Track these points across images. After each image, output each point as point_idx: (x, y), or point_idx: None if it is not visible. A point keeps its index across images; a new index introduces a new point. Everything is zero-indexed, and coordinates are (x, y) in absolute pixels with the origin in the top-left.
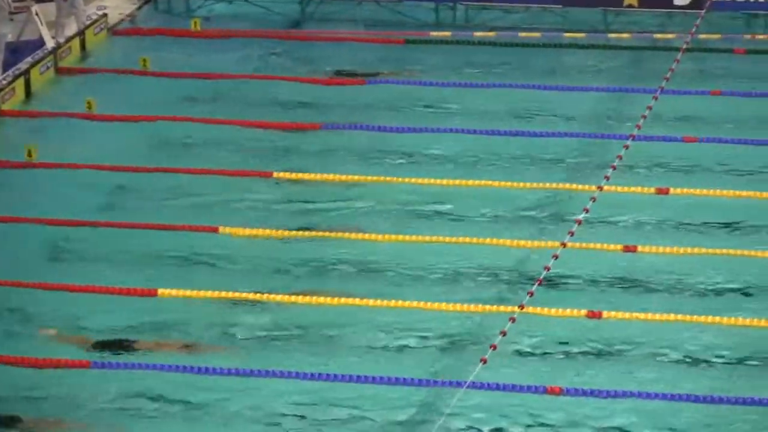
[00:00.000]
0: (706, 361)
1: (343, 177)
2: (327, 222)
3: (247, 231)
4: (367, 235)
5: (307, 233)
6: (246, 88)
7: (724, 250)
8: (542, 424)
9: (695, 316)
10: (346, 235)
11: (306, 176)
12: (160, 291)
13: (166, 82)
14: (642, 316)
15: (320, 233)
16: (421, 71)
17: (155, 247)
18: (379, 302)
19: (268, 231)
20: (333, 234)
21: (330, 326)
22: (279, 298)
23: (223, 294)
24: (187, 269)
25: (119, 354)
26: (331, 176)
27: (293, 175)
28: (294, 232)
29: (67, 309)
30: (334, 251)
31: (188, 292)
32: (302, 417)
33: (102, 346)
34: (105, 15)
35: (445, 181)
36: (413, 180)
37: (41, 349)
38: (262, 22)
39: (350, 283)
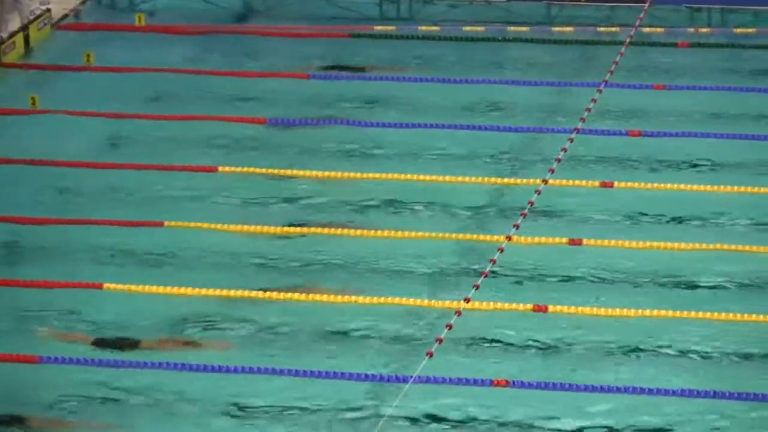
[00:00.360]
0: (653, 353)
1: (289, 171)
2: (273, 216)
3: (192, 225)
4: (312, 230)
5: (253, 228)
6: (190, 82)
7: (668, 244)
8: (488, 417)
9: (639, 310)
10: (293, 230)
11: (252, 170)
12: (105, 285)
13: (111, 78)
14: (587, 310)
15: (266, 228)
16: (366, 65)
17: (100, 242)
18: (326, 297)
19: (212, 225)
20: (280, 230)
21: (277, 321)
22: (226, 293)
23: (175, 290)
24: (132, 264)
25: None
26: (276, 171)
27: (239, 170)
28: (240, 227)
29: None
30: (282, 246)
31: (133, 287)
32: (252, 411)
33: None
34: (49, 10)
35: (389, 176)
36: (357, 175)
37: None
38: (207, 16)
39: (296, 278)
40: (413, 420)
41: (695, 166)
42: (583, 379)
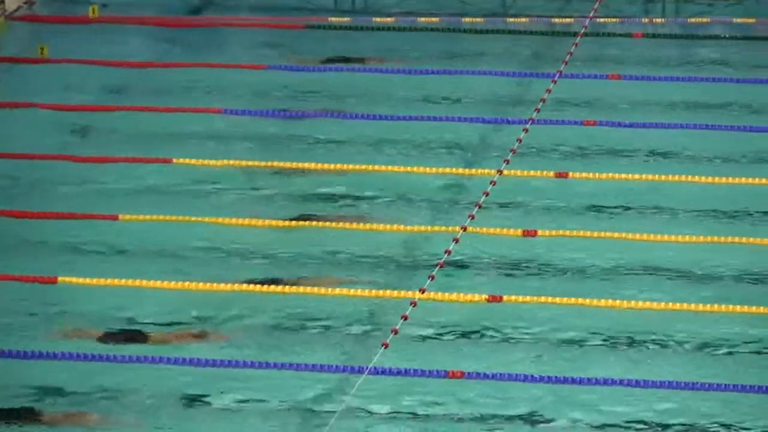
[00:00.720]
0: (607, 345)
1: (246, 162)
2: (228, 208)
3: (147, 217)
4: (265, 222)
5: (207, 219)
6: (146, 74)
7: (623, 234)
8: (444, 408)
9: (594, 300)
10: (246, 222)
11: (207, 162)
12: (59, 279)
13: (65, 70)
14: (542, 299)
15: (220, 220)
16: (321, 57)
17: (54, 237)
18: (280, 289)
19: (167, 217)
20: (233, 221)
21: (233, 313)
22: (181, 285)
23: (129, 282)
24: (85, 257)
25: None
26: (233, 162)
27: (194, 161)
28: (195, 218)
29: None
30: (234, 238)
31: (85, 280)
32: (207, 402)
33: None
34: (2, 2)
35: (344, 166)
36: (313, 165)
37: None
38: (162, 8)
39: (254, 270)
40: (369, 412)
41: (650, 155)
42: (538, 370)
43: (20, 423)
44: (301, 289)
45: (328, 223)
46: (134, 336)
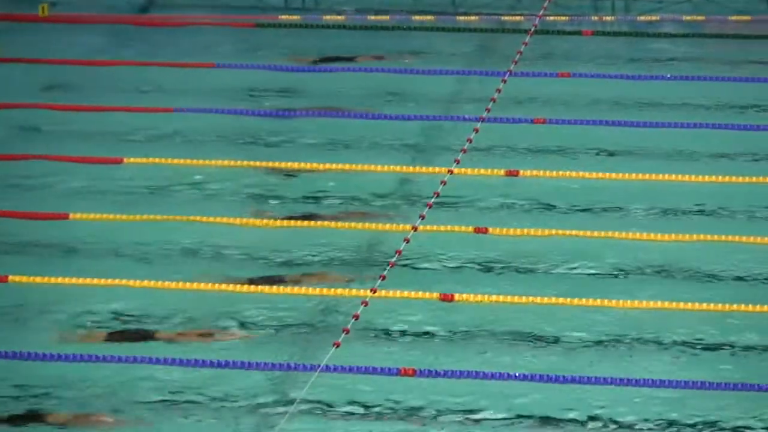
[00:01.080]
0: (560, 342)
1: (196, 161)
2: (180, 207)
3: (97, 216)
4: (211, 219)
5: (159, 217)
6: (95, 73)
7: (574, 232)
8: (396, 406)
9: (546, 298)
10: (198, 218)
11: (158, 161)
12: (10, 277)
13: (14, 69)
14: (494, 298)
15: (170, 217)
16: (272, 55)
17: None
18: (231, 287)
19: (117, 216)
20: (184, 218)
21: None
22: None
23: (73, 280)
24: (37, 257)
25: None
26: (184, 161)
27: (145, 161)
28: (147, 216)
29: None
30: (186, 235)
31: (38, 279)
32: (158, 402)
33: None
34: None
35: (296, 165)
36: (264, 164)
37: None
38: (111, 7)
39: (207, 269)
40: (321, 410)
41: (601, 153)
42: (490, 367)
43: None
44: (252, 288)
45: (278, 222)
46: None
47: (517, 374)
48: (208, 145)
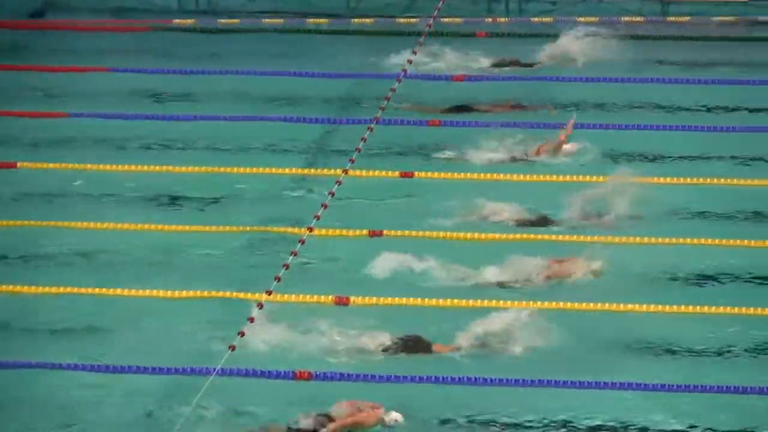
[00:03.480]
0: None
1: (94, 166)
2: (72, 211)
3: None
4: (106, 225)
5: (53, 223)
6: None
7: (469, 234)
8: (292, 408)
9: (440, 300)
10: (93, 225)
11: (52, 166)
12: None
13: None
14: (389, 300)
15: (59, 223)
16: (166, 59)
17: None
18: (127, 291)
19: (10, 222)
20: (76, 224)
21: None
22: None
23: None
24: None
25: None
26: (81, 165)
27: (39, 165)
28: (35, 222)
29: None
30: (80, 240)
31: None
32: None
33: None
34: None
35: (188, 168)
36: (149, 168)
37: None
38: (4, 11)
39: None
40: (220, 416)
41: (497, 152)
42: (387, 370)
43: None
44: (141, 292)
45: (172, 227)
46: None
47: (413, 376)
48: (106, 150)
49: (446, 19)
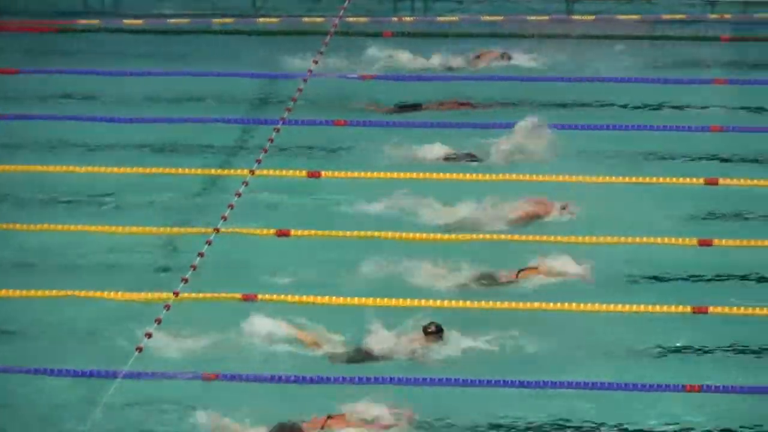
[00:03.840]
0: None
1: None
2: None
3: None
4: (25, 226)
5: None
6: None
7: (378, 233)
8: (199, 409)
9: (357, 299)
10: (19, 226)
11: None
12: None
13: None
14: (296, 298)
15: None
16: (72, 60)
17: None
18: (33, 293)
19: None
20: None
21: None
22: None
23: None
24: None
25: None
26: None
27: None
28: None
29: None
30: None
31: None
32: None
33: None
34: None
35: (103, 169)
36: (57, 168)
37: None
38: None
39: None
40: (125, 417)
41: (411, 151)
42: (292, 370)
43: None
44: (54, 293)
45: (92, 227)
46: None
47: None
48: (8, 152)
49: (352, 18)
